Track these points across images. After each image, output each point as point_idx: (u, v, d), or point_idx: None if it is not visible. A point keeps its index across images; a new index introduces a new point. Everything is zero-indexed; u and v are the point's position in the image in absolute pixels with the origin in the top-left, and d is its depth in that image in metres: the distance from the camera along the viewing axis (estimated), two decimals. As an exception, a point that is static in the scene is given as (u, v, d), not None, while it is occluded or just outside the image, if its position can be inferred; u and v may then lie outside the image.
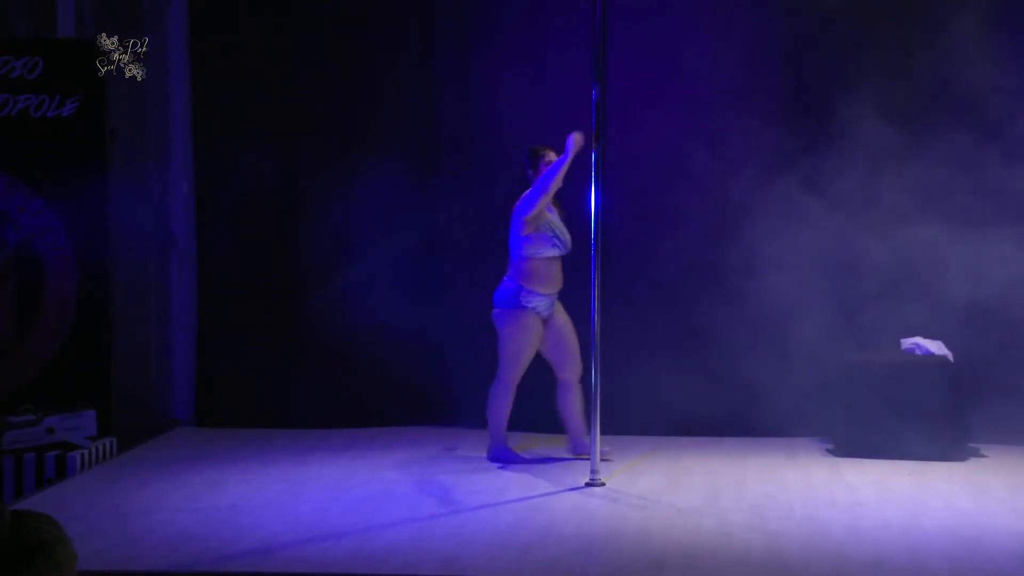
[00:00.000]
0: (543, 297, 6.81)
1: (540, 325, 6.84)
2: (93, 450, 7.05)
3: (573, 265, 6.81)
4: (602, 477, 6.44)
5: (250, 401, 8.00)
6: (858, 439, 7.05)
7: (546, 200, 6.71)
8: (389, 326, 7.90)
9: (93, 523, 5.75)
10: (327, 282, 7.93)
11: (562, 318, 6.91)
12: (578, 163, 6.65)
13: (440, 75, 7.89)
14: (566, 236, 6.83)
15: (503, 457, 6.90)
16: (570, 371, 6.91)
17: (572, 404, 6.91)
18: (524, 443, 7.24)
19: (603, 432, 6.42)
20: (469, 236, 7.83)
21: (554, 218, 6.84)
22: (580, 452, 6.84)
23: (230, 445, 7.46)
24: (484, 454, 7.05)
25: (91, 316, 7.39)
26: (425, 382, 7.97)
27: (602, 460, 6.47)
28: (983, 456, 7.07)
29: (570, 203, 6.96)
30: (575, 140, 6.60)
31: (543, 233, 6.76)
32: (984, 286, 7.33)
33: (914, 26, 7.44)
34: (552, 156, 6.75)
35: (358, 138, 7.92)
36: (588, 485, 6.40)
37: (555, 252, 6.79)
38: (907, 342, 7.27)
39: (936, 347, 7.18)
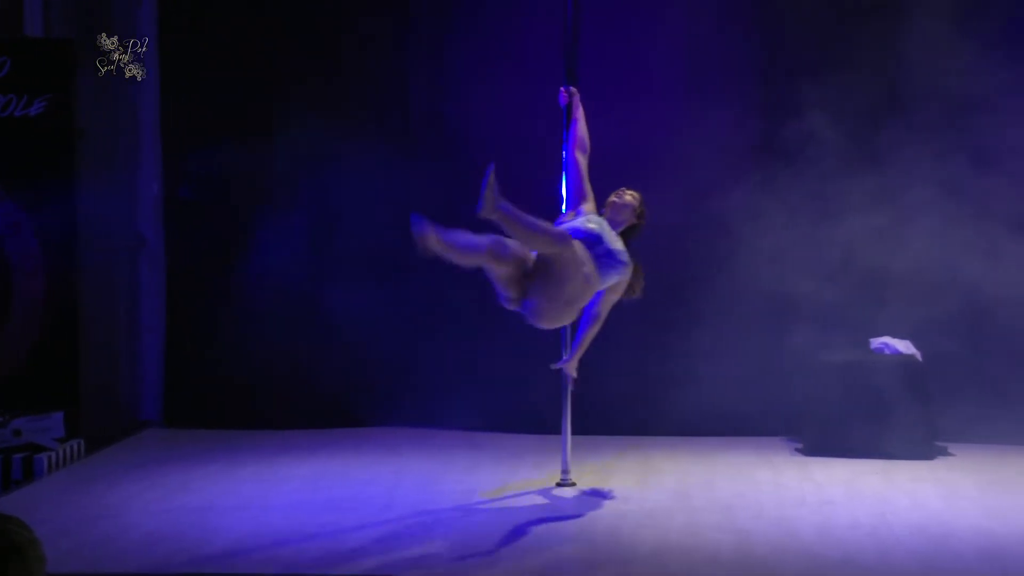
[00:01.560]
0: None
1: None
2: (61, 452, 7.01)
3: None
4: (573, 477, 6.46)
5: (220, 402, 7.97)
6: (827, 438, 7.09)
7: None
8: (360, 325, 7.89)
9: (62, 525, 5.71)
10: (297, 282, 7.91)
11: None
12: (549, 154, 6.64)
13: (415, 62, 7.89)
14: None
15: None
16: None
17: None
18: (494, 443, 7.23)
19: (574, 432, 6.44)
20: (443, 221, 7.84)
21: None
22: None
23: (200, 446, 7.43)
24: (457, 453, 7.06)
25: (59, 317, 7.34)
26: (397, 382, 7.95)
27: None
28: (951, 455, 7.13)
29: (541, 196, 6.98)
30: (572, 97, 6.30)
31: None
32: (952, 286, 7.39)
33: (890, 21, 7.48)
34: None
35: (332, 134, 7.90)
36: (559, 485, 6.41)
37: None
38: (876, 342, 7.32)
39: (904, 347, 7.24)
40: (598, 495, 6.28)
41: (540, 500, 6.19)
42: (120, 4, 7.98)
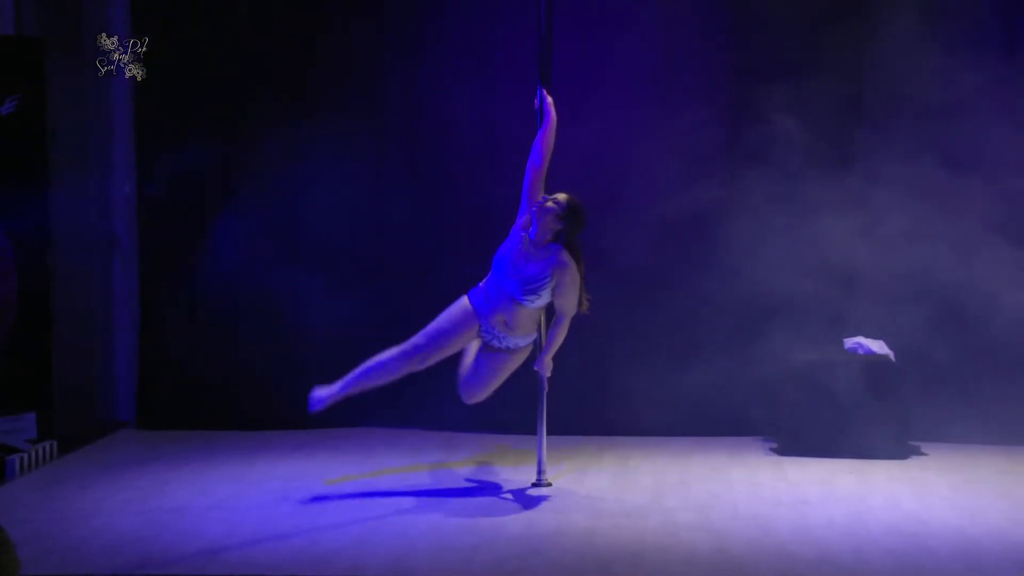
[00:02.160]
0: None
1: None
2: (33, 453, 6.96)
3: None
4: (549, 478, 6.46)
5: (194, 403, 7.94)
6: (802, 438, 7.13)
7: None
8: (334, 325, 7.87)
9: (35, 527, 5.68)
10: (271, 282, 7.88)
11: None
12: (522, 158, 6.65)
13: (389, 63, 7.88)
14: None
15: None
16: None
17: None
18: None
19: (550, 432, 6.45)
20: (420, 228, 7.85)
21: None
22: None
23: (174, 447, 7.40)
24: (432, 454, 7.04)
25: (32, 318, 7.29)
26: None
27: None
28: (924, 454, 7.17)
29: (517, 200, 6.99)
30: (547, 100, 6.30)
31: None
32: (924, 286, 7.44)
33: (860, 25, 7.52)
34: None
35: (304, 135, 7.88)
36: (535, 485, 6.42)
37: None
38: (849, 342, 7.36)
39: (878, 347, 7.28)
40: (574, 495, 6.28)
41: (516, 501, 6.20)
42: (92, 3, 7.94)
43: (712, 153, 7.63)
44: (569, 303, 6.18)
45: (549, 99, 6.33)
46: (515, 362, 6.29)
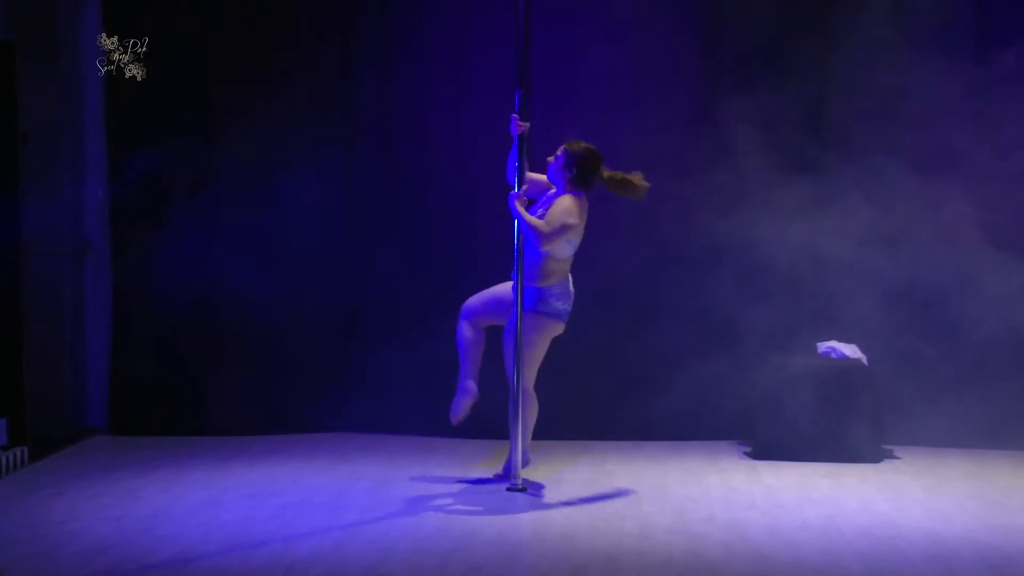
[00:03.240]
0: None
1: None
2: (4, 459, 6.90)
3: (495, 268, 6.81)
4: (523, 482, 6.46)
5: (167, 408, 7.90)
6: (776, 442, 7.16)
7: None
8: (308, 330, 7.86)
9: (8, 533, 5.64)
10: (244, 286, 7.86)
11: None
12: (497, 163, 6.65)
13: (362, 67, 7.87)
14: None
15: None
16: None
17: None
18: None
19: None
20: (394, 231, 7.84)
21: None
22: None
23: (147, 453, 7.36)
24: (408, 459, 7.03)
25: (3, 322, 7.24)
26: (347, 387, 7.92)
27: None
28: (897, 458, 7.22)
29: (493, 204, 6.99)
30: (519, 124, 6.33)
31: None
32: (897, 290, 7.50)
33: (826, 31, 7.56)
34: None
35: (277, 140, 7.86)
36: (510, 490, 6.42)
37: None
38: (823, 346, 7.39)
39: (851, 351, 7.32)
40: (550, 499, 6.29)
41: (492, 505, 6.19)
42: (64, 5, 7.89)
43: (685, 154, 7.64)
44: (548, 217, 6.29)
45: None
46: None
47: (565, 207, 6.34)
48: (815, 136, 7.59)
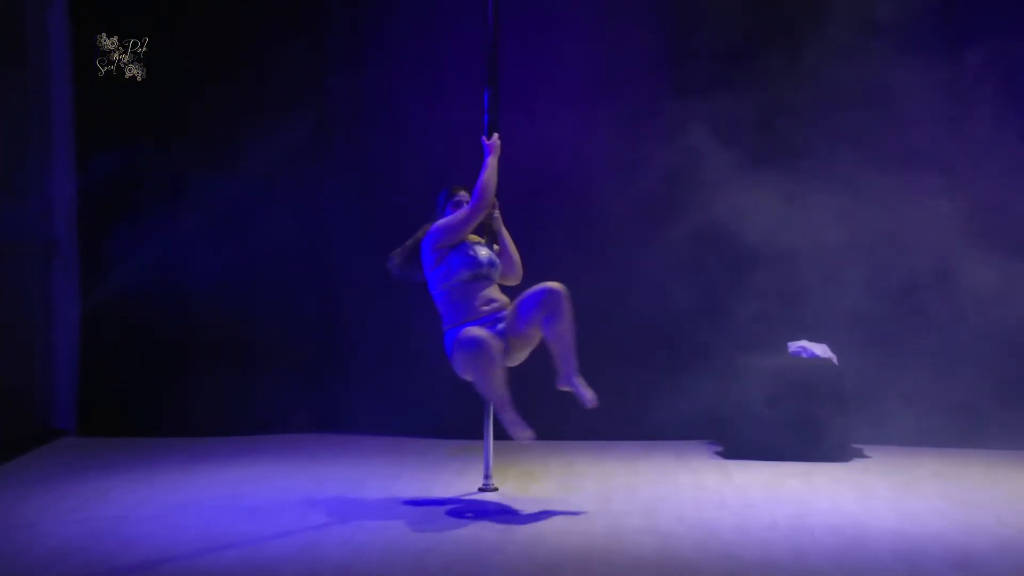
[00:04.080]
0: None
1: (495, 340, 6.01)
2: (-28, 461, 6.86)
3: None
4: (495, 483, 6.46)
5: (136, 409, 7.86)
6: (746, 441, 7.19)
7: (475, 223, 6.13)
8: (277, 329, 7.84)
9: (-27, 536, 5.60)
10: (214, 283, 7.83)
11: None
12: (465, 164, 6.64)
13: (333, 67, 7.85)
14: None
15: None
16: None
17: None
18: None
19: (496, 437, 6.45)
20: (367, 233, 7.83)
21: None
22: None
23: (116, 455, 7.32)
24: (378, 460, 7.01)
25: (-30, 323, 7.19)
26: (318, 387, 7.90)
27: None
28: (867, 457, 7.26)
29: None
30: (493, 145, 6.20)
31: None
32: (867, 290, 7.54)
33: (798, 29, 7.60)
34: (465, 195, 6.22)
35: (247, 137, 7.84)
36: (481, 490, 6.42)
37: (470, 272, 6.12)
38: (793, 345, 7.43)
39: (821, 350, 7.35)
40: (521, 501, 6.29)
41: (463, 506, 6.19)
42: (31, 5, 7.84)
43: (654, 153, 7.66)
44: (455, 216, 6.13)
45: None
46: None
47: (434, 227, 6.17)
48: (786, 135, 7.63)
